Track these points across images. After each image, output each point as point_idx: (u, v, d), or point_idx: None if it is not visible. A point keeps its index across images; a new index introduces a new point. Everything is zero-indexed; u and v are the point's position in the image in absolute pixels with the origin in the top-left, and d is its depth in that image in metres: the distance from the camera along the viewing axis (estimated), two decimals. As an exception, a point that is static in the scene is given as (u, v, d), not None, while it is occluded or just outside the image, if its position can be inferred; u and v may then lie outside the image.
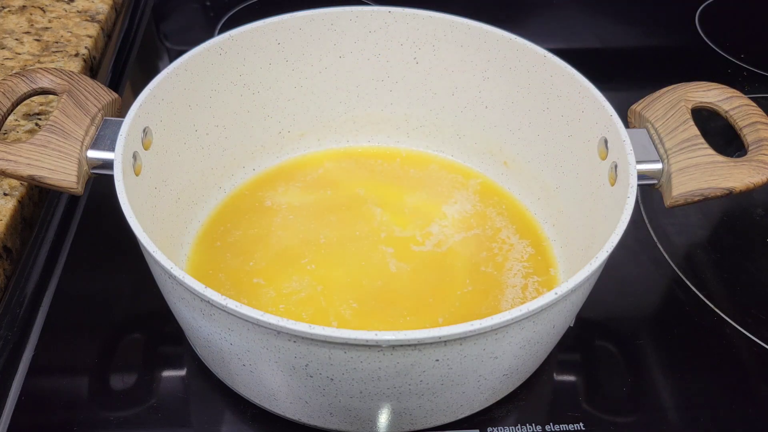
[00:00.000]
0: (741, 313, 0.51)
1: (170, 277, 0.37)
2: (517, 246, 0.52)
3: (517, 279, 0.50)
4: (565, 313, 0.39)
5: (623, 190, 0.42)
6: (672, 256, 0.55)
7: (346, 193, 0.56)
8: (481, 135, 0.57)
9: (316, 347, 0.35)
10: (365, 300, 0.48)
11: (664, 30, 0.81)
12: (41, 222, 0.54)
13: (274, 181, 0.56)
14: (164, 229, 0.48)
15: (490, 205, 0.55)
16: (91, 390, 0.45)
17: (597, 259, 0.38)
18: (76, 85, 0.46)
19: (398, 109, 0.58)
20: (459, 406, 0.41)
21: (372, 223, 0.53)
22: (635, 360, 0.48)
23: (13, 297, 0.49)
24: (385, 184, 0.57)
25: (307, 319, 0.46)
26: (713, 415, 0.45)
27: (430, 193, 0.56)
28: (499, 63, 0.53)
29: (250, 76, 0.53)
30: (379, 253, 0.51)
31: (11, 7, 0.70)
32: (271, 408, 0.43)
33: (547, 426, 0.44)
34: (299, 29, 0.53)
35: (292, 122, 0.57)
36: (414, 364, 0.35)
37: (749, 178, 0.44)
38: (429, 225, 0.53)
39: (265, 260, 0.50)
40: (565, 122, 0.51)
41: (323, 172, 0.57)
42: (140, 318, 0.49)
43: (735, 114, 0.47)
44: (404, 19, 0.54)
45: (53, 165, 0.43)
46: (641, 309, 0.51)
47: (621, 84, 0.71)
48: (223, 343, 0.38)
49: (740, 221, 0.59)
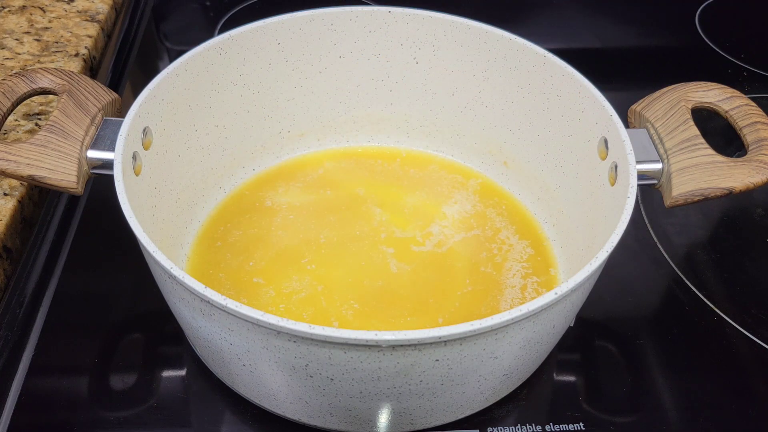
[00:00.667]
0: (741, 313, 0.51)
1: (170, 277, 0.37)
2: (517, 246, 0.52)
3: (516, 279, 0.50)
4: (565, 313, 0.39)
5: (623, 190, 0.42)
6: (672, 256, 0.55)
7: (346, 193, 0.56)
8: (481, 135, 0.57)
9: (316, 347, 0.35)
10: (366, 300, 0.48)
11: (664, 30, 0.81)
12: (41, 222, 0.54)
13: (274, 181, 0.56)
14: (164, 229, 0.48)
15: (490, 206, 0.55)
16: (91, 390, 0.45)
17: (597, 259, 0.38)
18: (76, 85, 0.46)
19: (398, 109, 0.58)
20: (459, 406, 0.41)
21: (372, 223, 0.53)
22: (635, 360, 0.48)
23: (13, 297, 0.49)
24: (385, 184, 0.57)
25: (307, 319, 0.46)
26: (713, 415, 0.45)
27: (430, 193, 0.56)
28: (499, 63, 0.53)
29: (250, 76, 0.53)
30: (379, 253, 0.51)
31: (11, 7, 0.70)
32: (271, 408, 0.43)
33: (547, 426, 0.44)
34: (299, 29, 0.53)
35: (292, 122, 0.57)
36: (414, 364, 0.35)
37: (749, 178, 0.44)
38: (429, 225, 0.53)
39: (265, 260, 0.50)
40: (565, 122, 0.51)
41: (323, 172, 0.57)
42: (140, 318, 0.49)
43: (735, 114, 0.47)
44: (404, 19, 0.54)
45: (53, 165, 0.43)
46: (641, 309, 0.51)
47: (621, 84, 0.71)
48: (223, 343, 0.38)
49: (740, 221, 0.59)
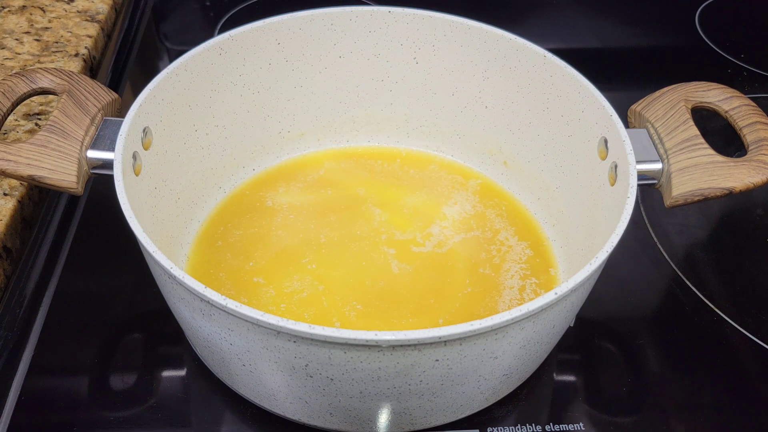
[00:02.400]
0: (741, 313, 0.51)
1: (170, 277, 0.37)
2: (516, 247, 0.52)
3: (515, 280, 0.50)
4: (565, 313, 0.39)
5: (623, 190, 0.42)
6: (672, 256, 0.55)
7: (346, 193, 0.55)
8: (481, 135, 0.57)
9: (316, 347, 0.35)
10: (368, 300, 0.48)
11: (664, 30, 0.81)
12: (41, 222, 0.54)
13: (274, 181, 0.56)
14: (164, 229, 0.48)
15: (490, 206, 0.55)
16: (91, 390, 0.45)
17: (597, 259, 0.38)
18: (76, 85, 0.46)
19: (398, 109, 0.58)
20: (459, 406, 0.41)
21: (372, 223, 0.53)
22: (635, 360, 0.48)
23: (13, 297, 0.49)
24: (385, 184, 0.57)
25: (309, 319, 0.46)
26: (713, 415, 0.45)
27: (430, 194, 0.56)
28: (499, 63, 0.53)
29: (250, 76, 0.53)
30: (379, 253, 0.51)
31: (11, 7, 0.70)
32: (271, 408, 0.43)
33: (547, 426, 0.44)
34: (299, 29, 0.53)
35: (292, 122, 0.57)
36: (414, 364, 0.35)
37: (749, 178, 0.44)
38: (429, 226, 0.53)
39: (266, 260, 0.50)
40: (565, 122, 0.51)
41: (323, 172, 0.57)
42: (140, 318, 0.49)
43: (735, 114, 0.47)
44: (404, 19, 0.54)
45: (53, 165, 0.43)
46: (641, 309, 0.51)
47: (621, 84, 0.71)
48: (223, 343, 0.38)
49: (740, 221, 0.59)
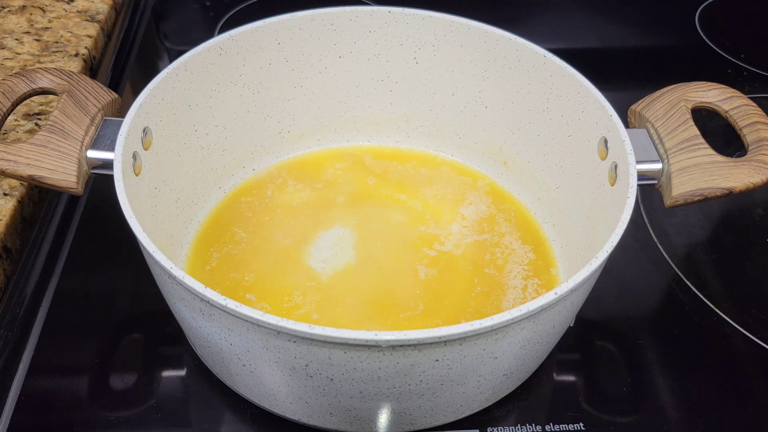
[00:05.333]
0: (741, 313, 0.51)
1: (170, 277, 0.37)
2: (517, 247, 0.52)
3: (518, 280, 0.50)
4: (565, 313, 0.39)
5: (623, 190, 0.42)
6: (672, 256, 0.55)
7: (346, 192, 0.55)
8: (481, 135, 0.57)
9: (316, 347, 0.35)
10: (368, 301, 0.48)
11: (664, 30, 0.81)
12: (41, 222, 0.54)
13: (274, 181, 0.56)
14: (164, 229, 0.48)
15: (489, 206, 0.55)
16: (91, 390, 0.45)
17: (597, 259, 0.38)
18: (75, 85, 0.46)
19: (398, 109, 0.58)
20: (459, 406, 0.41)
21: (372, 223, 0.53)
22: (635, 360, 0.48)
23: (13, 297, 0.49)
24: (385, 184, 0.57)
25: (309, 318, 0.46)
26: (713, 415, 0.45)
27: (430, 194, 0.56)
28: (499, 63, 0.53)
29: (250, 76, 0.53)
30: (379, 252, 0.51)
31: (11, 7, 0.70)
32: (271, 408, 0.43)
33: (547, 426, 0.44)
34: (299, 29, 0.53)
35: (292, 122, 0.57)
36: (414, 364, 0.35)
37: (749, 178, 0.44)
38: (429, 226, 0.53)
39: (265, 260, 0.50)
40: (565, 122, 0.51)
41: (323, 172, 0.57)
42: (140, 318, 0.49)
43: (735, 114, 0.47)
44: (404, 19, 0.54)
45: (53, 165, 0.43)
46: (641, 309, 0.51)
47: (621, 84, 0.71)
48: (223, 343, 0.38)
49: (740, 221, 0.59)
